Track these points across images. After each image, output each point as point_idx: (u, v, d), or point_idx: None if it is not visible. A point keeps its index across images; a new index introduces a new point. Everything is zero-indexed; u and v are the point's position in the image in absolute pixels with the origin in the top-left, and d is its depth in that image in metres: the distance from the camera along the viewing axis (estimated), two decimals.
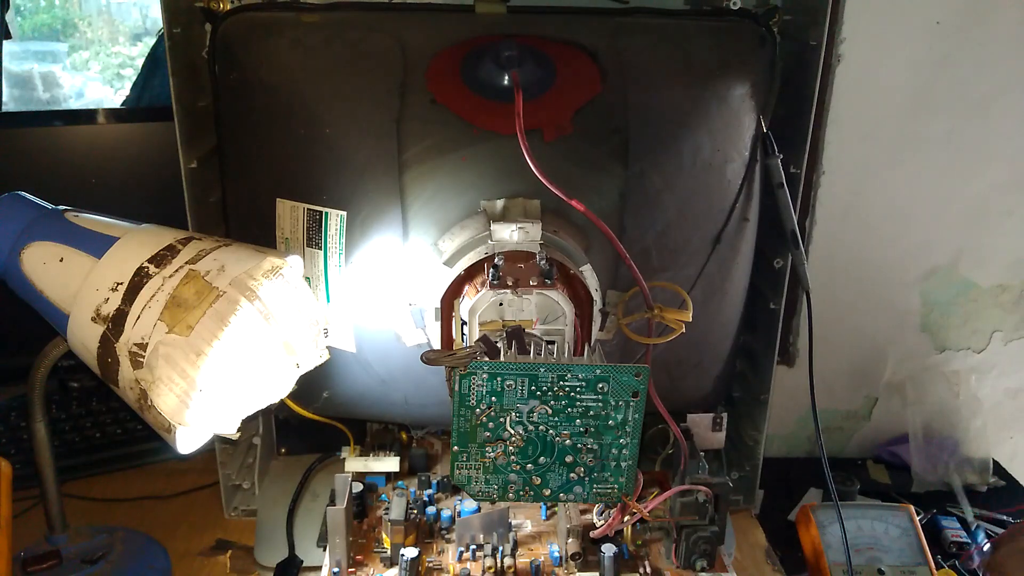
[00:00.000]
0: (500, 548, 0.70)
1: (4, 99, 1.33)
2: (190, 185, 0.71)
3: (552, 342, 0.59)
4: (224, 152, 0.75)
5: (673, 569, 0.70)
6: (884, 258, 0.99)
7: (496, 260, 0.60)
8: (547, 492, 0.58)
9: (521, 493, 0.58)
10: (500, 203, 0.67)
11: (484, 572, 0.68)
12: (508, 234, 0.62)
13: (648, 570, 0.69)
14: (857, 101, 0.92)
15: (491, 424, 0.56)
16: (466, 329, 0.60)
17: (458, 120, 0.67)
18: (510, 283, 0.59)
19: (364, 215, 0.69)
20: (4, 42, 1.29)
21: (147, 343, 0.54)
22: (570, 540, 0.69)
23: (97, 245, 0.59)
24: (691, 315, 0.65)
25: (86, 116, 1.03)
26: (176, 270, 0.56)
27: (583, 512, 0.73)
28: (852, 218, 0.96)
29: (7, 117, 1.33)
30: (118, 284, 0.56)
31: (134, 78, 1.43)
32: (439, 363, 0.54)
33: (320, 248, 0.70)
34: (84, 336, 0.57)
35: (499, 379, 0.54)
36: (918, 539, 0.75)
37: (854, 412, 1.06)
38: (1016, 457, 1.10)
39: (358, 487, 0.75)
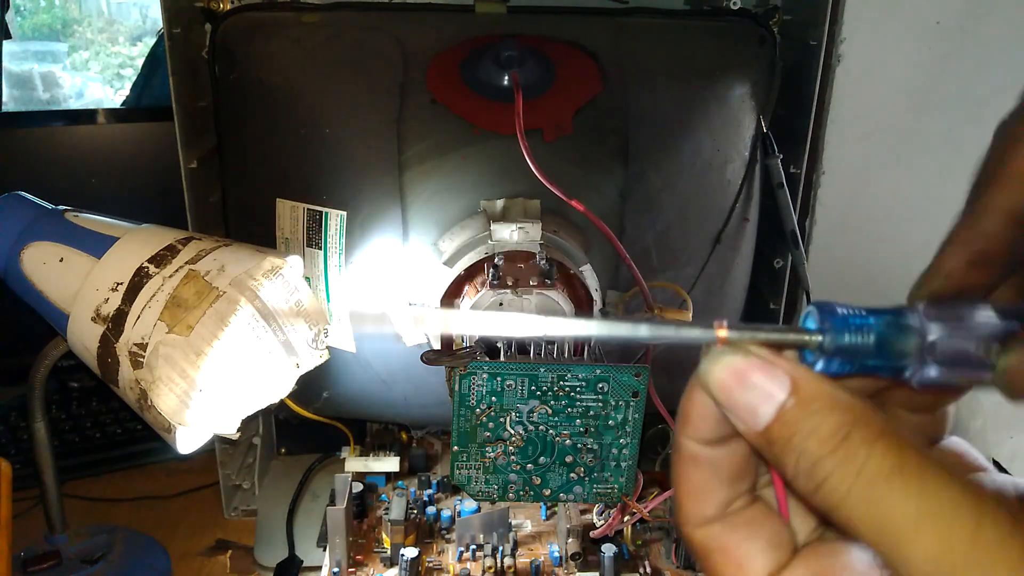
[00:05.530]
0: (500, 548, 0.70)
1: (4, 99, 1.33)
2: (190, 185, 0.71)
3: (552, 342, 0.59)
4: (224, 152, 0.75)
5: (673, 569, 0.70)
6: (884, 258, 0.99)
7: (496, 260, 0.60)
8: (547, 492, 0.58)
9: (521, 493, 0.58)
10: (500, 203, 0.67)
11: (484, 572, 0.68)
12: (508, 234, 0.62)
13: (648, 570, 0.69)
14: (857, 101, 0.91)
15: (491, 424, 0.56)
16: None
17: (458, 120, 0.67)
18: (510, 283, 0.59)
19: (364, 215, 0.69)
20: (4, 42, 1.29)
21: (147, 343, 0.54)
22: (570, 540, 0.69)
23: (97, 245, 0.58)
24: (691, 315, 0.65)
25: (86, 116, 1.03)
26: (176, 270, 0.56)
27: (583, 512, 0.73)
28: (852, 218, 0.96)
29: (7, 117, 1.33)
30: (118, 284, 0.56)
31: (134, 78, 1.43)
32: (439, 363, 0.54)
33: (320, 248, 0.70)
34: (84, 336, 0.57)
35: (499, 379, 0.54)
36: None
37: None
38: (1016, 457, 1.10)
39: (358, 487, 0.75)
